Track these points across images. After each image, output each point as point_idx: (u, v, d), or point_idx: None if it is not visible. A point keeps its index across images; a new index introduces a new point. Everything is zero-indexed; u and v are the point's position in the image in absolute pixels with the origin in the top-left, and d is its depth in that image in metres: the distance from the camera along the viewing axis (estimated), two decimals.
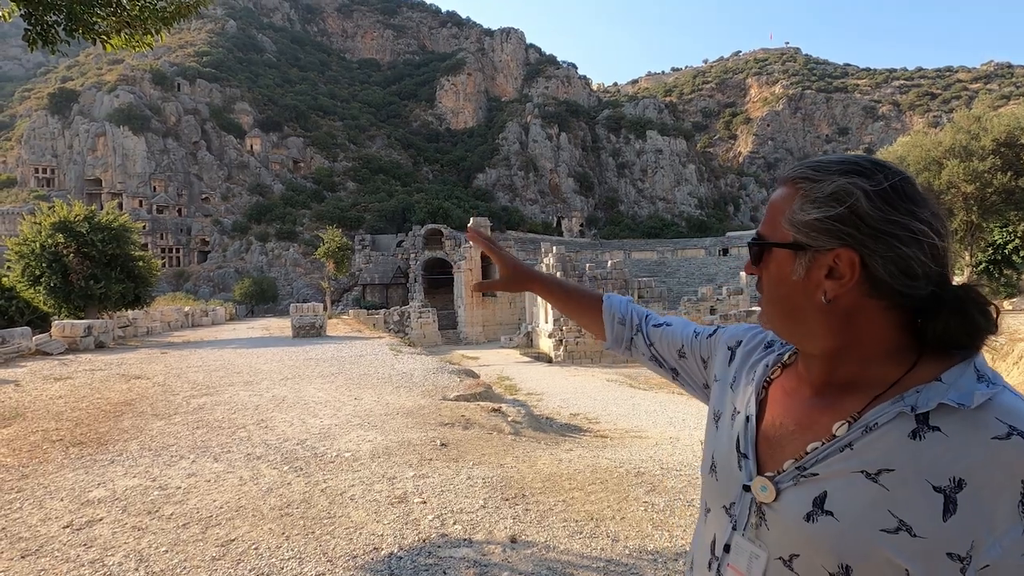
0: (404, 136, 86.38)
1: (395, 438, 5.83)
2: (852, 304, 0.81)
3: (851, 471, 0.77)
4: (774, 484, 0.83)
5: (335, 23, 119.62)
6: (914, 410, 0.75)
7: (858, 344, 0.82)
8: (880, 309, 0.80)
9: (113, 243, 18.69)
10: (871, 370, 0.81)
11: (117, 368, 10.91)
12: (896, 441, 0.75)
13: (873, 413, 0.78)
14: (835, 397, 0.84)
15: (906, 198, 0.78)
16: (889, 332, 0.81)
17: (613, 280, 36.99)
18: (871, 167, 0.81)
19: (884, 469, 0.74)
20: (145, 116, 65.18)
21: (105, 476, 4.66)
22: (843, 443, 0.79)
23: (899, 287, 0.78)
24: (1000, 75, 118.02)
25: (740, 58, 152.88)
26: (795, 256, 0.82)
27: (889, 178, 0.79)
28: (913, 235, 0.77)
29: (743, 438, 0.92)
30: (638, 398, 13.13)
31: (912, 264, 0.77)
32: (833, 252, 0.80)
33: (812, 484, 0.79)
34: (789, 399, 0.91)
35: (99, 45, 4.61)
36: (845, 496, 0.76)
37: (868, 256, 0.78)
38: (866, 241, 0.78)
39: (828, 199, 0.80)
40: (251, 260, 58.54)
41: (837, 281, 0.80)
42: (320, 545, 3.39)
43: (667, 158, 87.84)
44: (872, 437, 0.77)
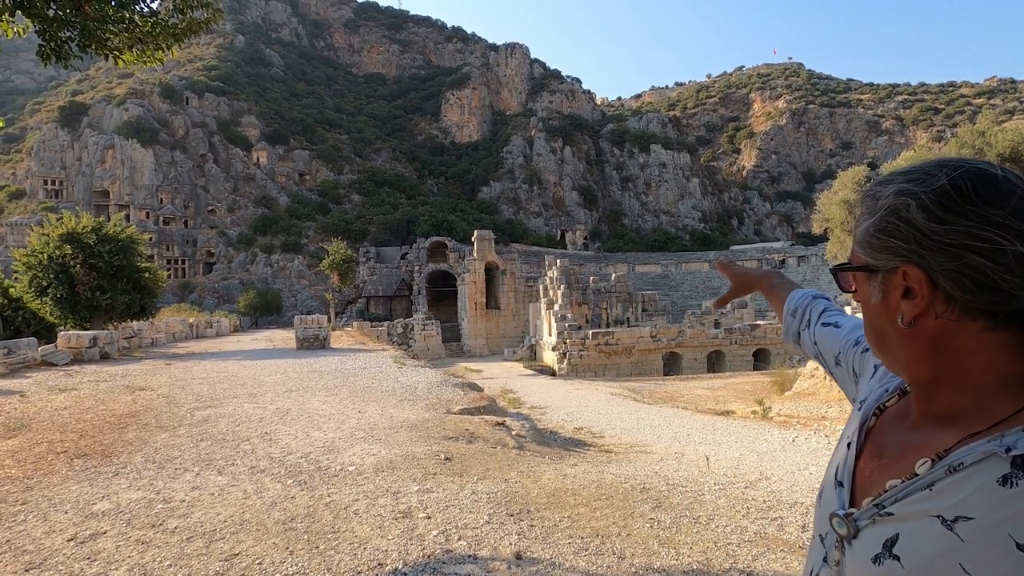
0: (409, 149, 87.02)
1: (399, 452, 5.80)
2: (940, 327, 0.72)
3: (928, 514, 0.69)
4: (852, 521, 0.78)
5: (342, 38, 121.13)
6: (1009, 451, 0.65)
7: (959, 372, 0.73)
8: (978, 331, 0.70)
9: (120, 254, 18.81)
10: (980, 402, 0.72)
11: (122, 379, 10.93)
12: (982, 486, 0.65)
13: (961, 452, 0.69)
14: (932, 431, 0.76)
15: (971, 199, 0.68)
16: (997, 358, 0.70)
17: (617, 293, 36.96)
18: (934, 168, 0.72)
19: (962, 516, 0.65)
20: (153, 129, 65.90)
21: (109, 488, 4.65)
22: (925, 482, 0.71)
23: (981, 304, 0.68)
24: (1004, 90, 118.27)
25: (743, 73, 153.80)
26: (869, 279, 0.78)
27: (950, 176, 0.70)
28: (980, 243, 0.67)
29: (842, 466, 0.87)
30: (643, 412, 13.06)
31: (989, 275, 0.67)
32: (900, 270, 0.73)
33: (887, 524, 0.73)
34: (894, 428, 0.84)
35: (111, 60, 4.68)
36: (915, 542, 0.69)
37: (933, 272, 0.70)
38: (927, 255, 0.70)
39: (886, 214, 0.74)
40: (256, 272, 58.77)
41: (911, 302, 0.73)
42: (324, 560, 3.37)
43: (671, 172, 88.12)
44: (956, 478, 0.68)
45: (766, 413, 11.34)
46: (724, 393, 17.48)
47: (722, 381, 21.50)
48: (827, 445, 8.05)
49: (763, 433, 9.44)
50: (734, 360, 27.90)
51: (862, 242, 0.78)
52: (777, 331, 28.41)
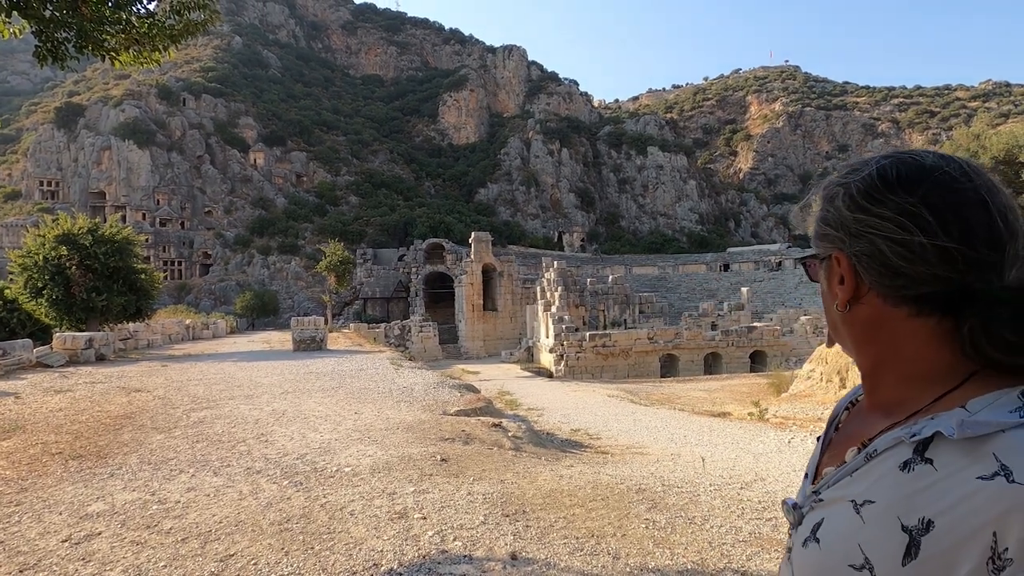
0: (407, 151, 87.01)
1: (395, 453, 5.80)
2: (871, 313, 0.75)
3: (846, 499, 0.72)
4: (798, 510, 0.82)
5: (339, 40, 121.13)
6: (913, 437, 0.68)
7: (894, 361, 0.75)
8: (903, 318, 0.72)
9: (116, 256, 18.76)
10: (913, 392, 0.73)
11: (117, 381, 10.90)
12: (887, 472, 0.69)
13: (879, 440, 0.73)
14: (874, 421, 0.78)
15: (892, 186, 0.71)
16: (924, 346, 0.72)
17: (614, 295, 37.00)
18: (871, 159, 0.76)
19: (868, 500, 0.69)
20: (150, 130, 65.75)
21: (104, 490, 4.64)
22: (849, 469, 0.75)
23: (888, 289, 0.72)
24: (998, 93, 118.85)
25: (740, 76, 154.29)
26: (820, 267, 0.82)
27: (879, 164, 0.74)
28: (884, 230, 0.70)
29: (812, 458, 0.90)
30: (639, 414, 13.07)
31: (891, 260, 0.70)
32: (833, 257, 0.77)
33: (819, 510, 0.76)
34: (853, 422, 0.87)
35: (108, 61, 4.68)
36: (832, 524, 0.72)
37: (854, 257, 0.74)
38: (847, 240, 0.74)
39: (826, 204, 0.79)
40: (253, 273, 58.64)
41: (841, 287, 0.77)
42: (319, 561, 3.37)
43: (668, 174, 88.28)
44: (870, 465, 0.72)
45: (762, 415, 11.37)
46: (721, 395, 17.51)
47: (719, 383, 21.53)
48: None
49: (759, 435, 9.46)
50: (731, 362, 27.94)
51: (813, 233, 0.82)
52: (773, 333, 28.49)
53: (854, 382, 12.16)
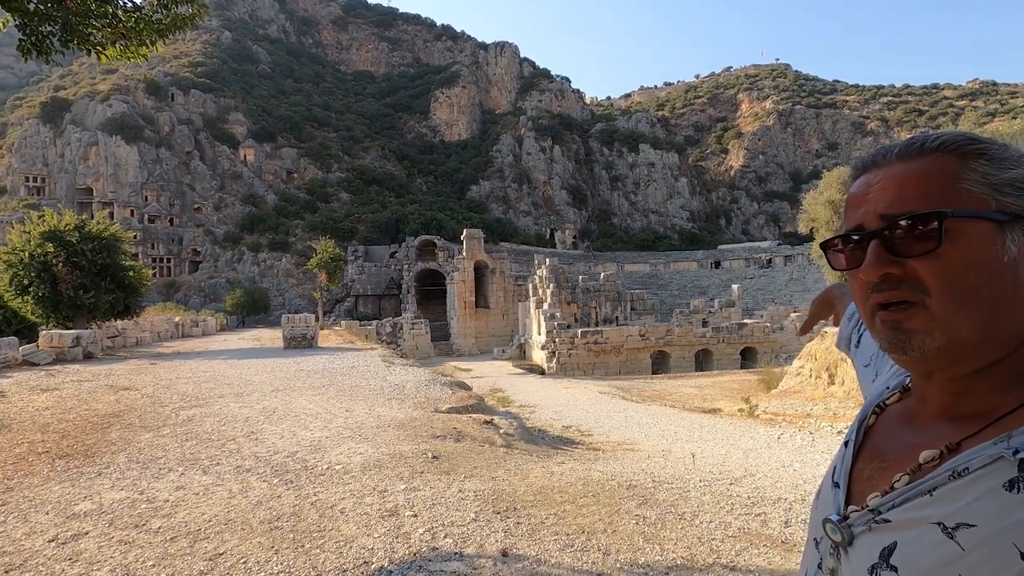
0: (398, 148, 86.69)
1: (386, 451, 5.79)
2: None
3: (928, 521, 0.62)
4: (847, 527, 0.71)
5: (330, 35, 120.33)
6: (1017, 454, 0.59)
7: (1015, 355, 0.66)
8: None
9: (103, 253, 18.54)
10: (1003, 397, 0.66)
11: (105, 379, 10.79)
12: (987, 491, 0.60)
13: (966, 455, 0.63)
14: (936, 431, 0.70)
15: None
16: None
17: (606, 292, 37.10)
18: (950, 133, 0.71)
19: (964, 524, 0.59)
20: (138, 126, 65.05)
21: (92, 489, 4.60)
22: (926, 487, 0.65)
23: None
24: (985, 92, 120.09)
25: (731, 74, 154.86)
26: (1001, 229, 0.64)
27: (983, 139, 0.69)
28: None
29: (839, 465, 0.80)
30: (631, 411, 13.13)
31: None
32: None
33: (884, 532, 0.67)
34: (898, 429, 0.77)
35: (94, 55, 4.62)
36: (914, 551, 0.63)
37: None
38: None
39: (1023, 159, 0.66)
40: (243, 271, 58.25)
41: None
42: (310, 559, 3.36)
43: (659, 171, 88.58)
44: (959, 484, 0.62)
45: (752, 411, 11.45)
46: (711, 391, 17.63)
47: (709, 379, 21.67)
48: (811, 442, 8.16)
49: (749, 431, 9.53)
50: (721, 359, 28.11)
51: (999, 183, 0.65)
52: (764, 329, 28.68)
53: (843, 379, 12.27)
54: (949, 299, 0.63)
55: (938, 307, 0.64)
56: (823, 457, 6.99)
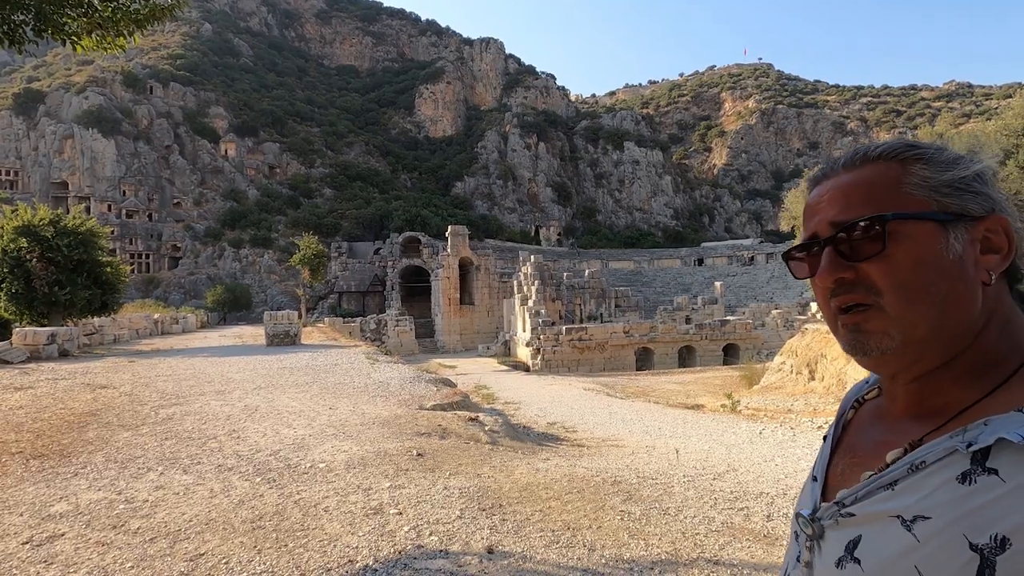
0: (382, 143, 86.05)
1: (371, 448, 5.75)
2: (996, 291, 0.68)
3: (888, 515, 0.65)
4: (817, 521, 0.74)
5: (313, 29, 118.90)
6: (970, 447, 0.61)
7: (980, 349, 0.68)
8: (1008, 299, 0.68)
9: (79, 248, 18.16)
10: (963, 391, 0.68)
11: (82, 377, 10.58)
12: (942, 484, 0.62)
13: (924, 449, 0.66)
14: (903, 427, 0.72)
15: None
16: (1013, 336, 0.68)
17: (591, 289, 37.26)
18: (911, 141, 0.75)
19: (920, 516, 0.62)
20: (115, 119, 63.71)
21: (68, 489, 4.50)
22: (887, 480, 0.67)
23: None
24: (961, 94, 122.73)
25: (715, 72, 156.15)
26: (944, 228, 0.67)
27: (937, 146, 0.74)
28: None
29: (819, 459, 0.82)
30: (615, 407, 13.20)
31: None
32: (986, 220, 0.67)
33: (850, 526, 0.69)
34: (871, 425, 0.79)
35: (69, 46, 4.50)
36: (876, 544, 0.65)
37: (1013, 223, 0.67)
38: (1006, 206, 0.67)
39: (959, 160, 0.69)
40: (224, 267, 57.44)
41: (997, 256, 0.67)
42: (293, 558, 3.33)
43: (644, 169, 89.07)
44: (917, 477, 0.65)
45: (735, 407, 11.59)
46: (694, 387, 17.80)
47: (693, 376, 21.88)
48: (792, 437, 8.27)
49: (731, 426, 9.64)
50: (704, 355, 28.41)
51: (939, 185, 0.68)
52: (746, 326, 29.02)
53: (823, 375, 12.47)
54: (901, 298, 0.66)
55: (891, 307, 0.66)
56: (804, 452, 7.10)
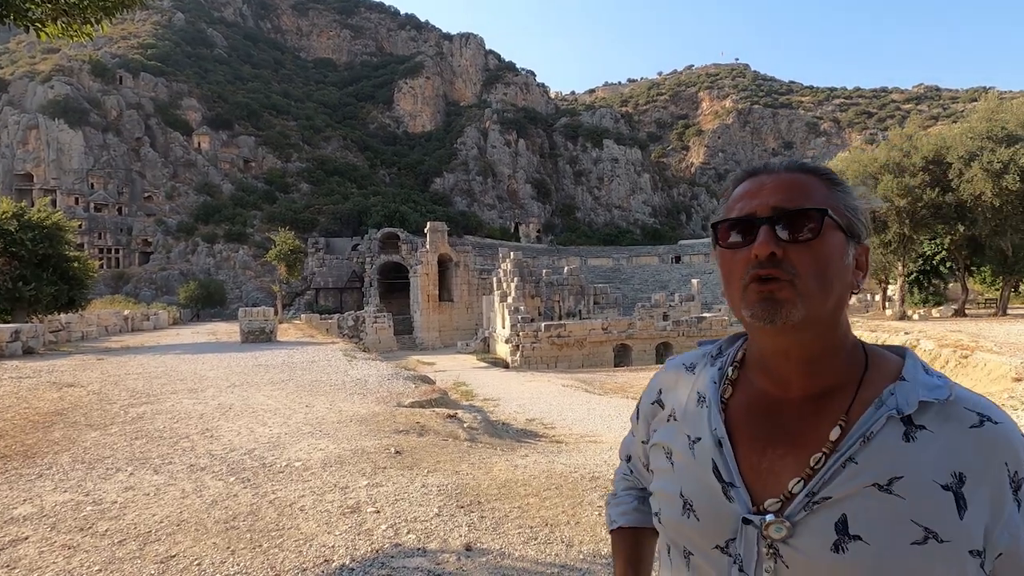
0: (360, 138, 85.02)
1: (348, 446, 5.70)
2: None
3: (863, 486, 0.72)
4: (786, 518, 0.74)
5: (290, 20, 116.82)
6: (899, 412, 0.74)
7: (845, 340, 0.82)
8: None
9: (45, 242, 17.61)
10: (847, 370, 0.81)
11: (47, 375, 10.27)
12: (892, 447, 0.73)
13: (864, 420, 0.75)
14: (821, 404, 0.80)
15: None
16: (850, 329, 0.84)
17: (570, 286, 37.41)
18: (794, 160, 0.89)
19: (894, 477, 0.71)
20: (83, 109, 61.79)
21: (32, 491, 4.37)
22: (845, 457, 0.74)
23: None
24: (929, 97, 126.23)
25: (693, 72, 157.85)
26: (847, 240, 0.80)
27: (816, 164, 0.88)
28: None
29: (722, 465, 0.81)
30: (593, 403, 13.30)
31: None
32: (862, 245, 0.83)
33: (828, 510, 0.72)
34: (767, 418, 0.82)
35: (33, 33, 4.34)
36: (866, 515, 0.70)
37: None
38: (866, 231, 0.83)
39: (858, 196, 0.84)
40: (197, 262, 56.25)
41: (861, 273, 0.83)
42: (268, 559, 3.28)
43: (623, 167, 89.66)
44: (871, 448, 0.73)
45: None
46: None
47: None
48: None
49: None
50: (681, 351, 28.23)
51: (851, 208, 0.82)
52: (721, 323, 29.46)
53: None
54: (813, 281, 0.76)
55: (804, 286, 0.76)
56: None
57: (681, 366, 0.97)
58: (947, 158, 18.96)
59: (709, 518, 0.80)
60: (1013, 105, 20.30)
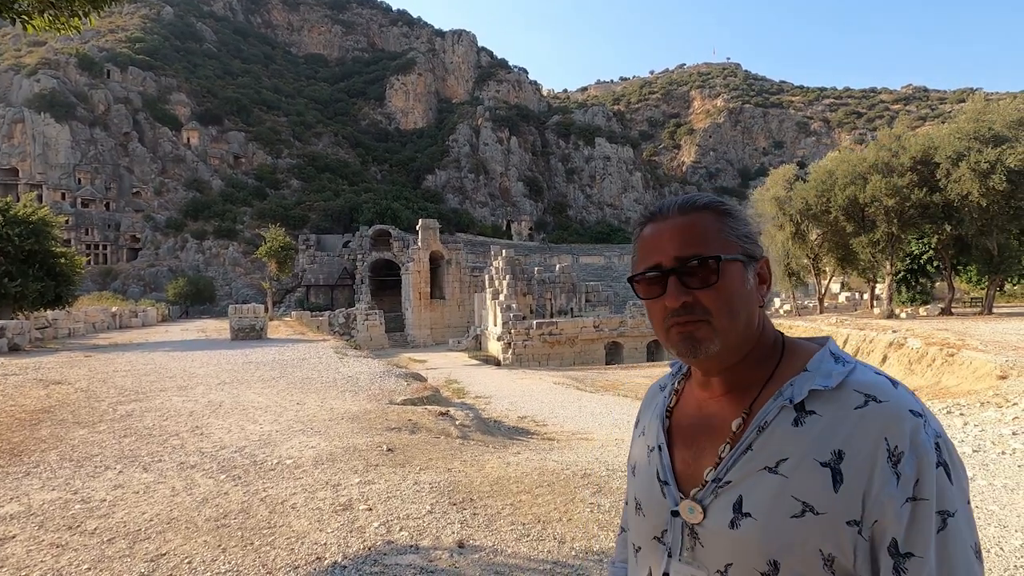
0: (352, 134, 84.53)
1: (340, 444, 5.68)
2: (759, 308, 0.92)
3: (757, 470, 0.82)
4: (699, 503, 0.86)
5: (280, 15, 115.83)
6: (792, 401, 0.84)
7: (762, 342, 0.92)
8: (762, 313, 0.93)
9: (31, 238, 17.39)
10: (759, 371, 0.90)
11: (34, 372, 10.15)
12: (784, 432, 0.82)
13: (762, 413, 0.85)
14: (736, 400, 0.90)
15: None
16: (770, 330, 0.93)
17: (561, 284, 37.45)
18: (691, 196, 0.97)
19: (781, 459, 0.81)
20: (70, 103, 60.98)
21: (19, 490, 4.32)
22: (745, 445, 0.84)
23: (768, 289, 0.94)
24: (917, 98, 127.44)
25: (684, 71, 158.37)
26: (745, 267, 0.89)
27: (711, 198, 0.96)
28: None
29: (660, 467, 0.94)
30: (584, 400, 13.34)
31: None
32: (760, 261, 0.92)
33: (729, 492, 0.83)
34: (694, 418, 0.95)
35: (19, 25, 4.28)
36: (756, 494, 0.81)
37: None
38: (759, 246, 0.93)
39: (749, 219, 0.94)
40: (186, 259, 55.75)
41: (764, 286, 0.93)
42: (259, 557, 3.26)
43: (615, 165, 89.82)
44: (766, 435, 0.83)
45: None
46: None
47: (661, 369, 22.24)
48: None
49: None
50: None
51: (742, 235, 0.91)
52: None
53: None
54: (724, 317, 0.86)
55: (717, 323, 0.86)
56: None
57: (657, 387, 1.10)
58: (935, 158, 19.14)
59: (651, 514, 0.93)
60: (999, 106, 20.51)
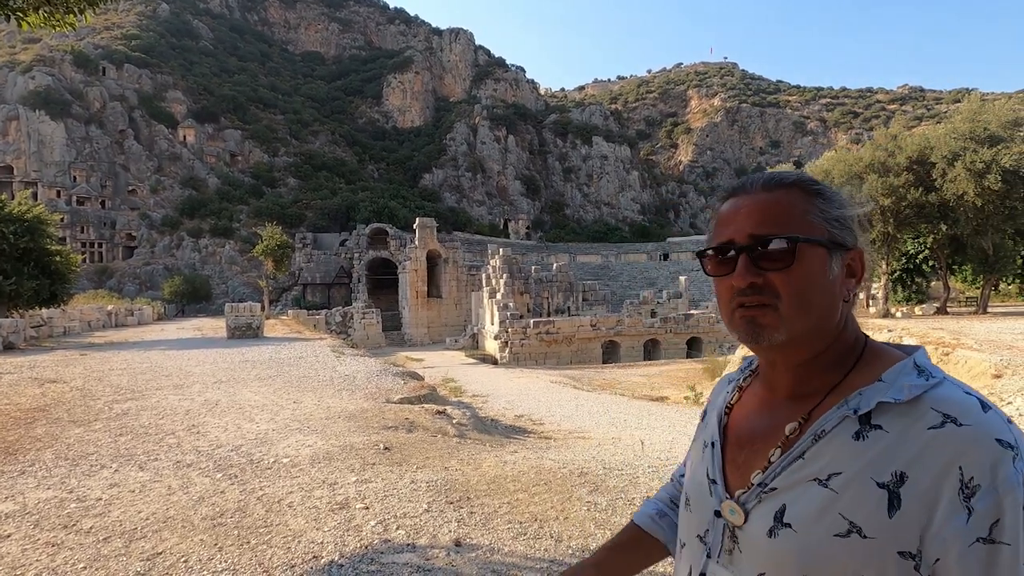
0: (349, 133, 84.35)
1: (336, 442, 5.68)
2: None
3: (806, 480, 0.77)
4: (741, 505, 0.82)
5: (277, 13, 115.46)
6: (856, 412, 0.76)
7: (840, 343, 0.84)
8: (847, 310, 0.84)
9: (26, 236, 17.32)
10: (831, 372, 0.83)
11: (29, 371, 10.11)
12: (842, 444, 0.76)
13: (821, 420, 0.79)
14: (797, 403, 0.84)
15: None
16: (852, 330, 0.85)
17: (559, 283, 37.48)
18: (784, 172, 0.89)
19: (833, 473, 0.75)
20: (65, 100, 60.69)
21: (14, 489, 4.30)
22: (797, 452, 0.79)
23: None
24: (913, 98, 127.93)
25: (682, 70, 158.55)
26: (829, 254, 0.81)
27: (801, 175, 0.88)
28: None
29: (711, 465, 0.90)
30: (581, 399, 13.35)
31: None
32: (852, 251, 0.83)
33: (773, 499, 0.79)
34: (752, 418, 0.90)
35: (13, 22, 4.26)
36: (800, 506, 0.76)
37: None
38: (862, 242, 0.84)
39: (846, 202, 0.84)
40: (182, 257, 55.58)
41: (853, 280, 0.84)
42: (256, 555, 3.26)
43: (612, 164, 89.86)
44: (821, 444, 0.77)
45: (698, 398, 11.86)
46: (659, 380, 18.14)
47: (657, 368, 22.29)
48: None
49: (695, 418, 9.86)
50: (669, 348, 28.95)
51: (832, 219, 0.82)
52: (709, 320, 29.67)
53: None
54: (794, 304, 0.79)
55: (786, 310, 0.79)
56: None
57: (725, 381, 1.05)
58: (931, 158, 19.19)
59: (697, 511, 0.90)
60: (995, 106, 20.57)
